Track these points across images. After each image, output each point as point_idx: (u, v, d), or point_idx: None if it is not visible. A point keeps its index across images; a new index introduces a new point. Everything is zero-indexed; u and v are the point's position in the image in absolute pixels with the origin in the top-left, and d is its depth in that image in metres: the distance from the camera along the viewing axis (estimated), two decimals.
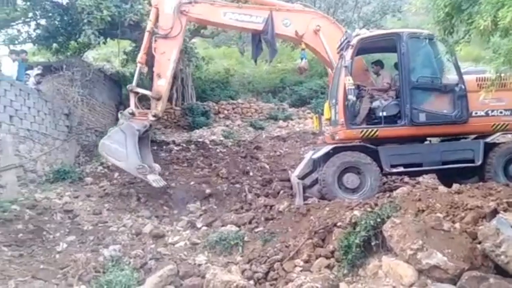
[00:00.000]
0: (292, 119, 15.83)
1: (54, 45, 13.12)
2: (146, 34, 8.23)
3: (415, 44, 7.02)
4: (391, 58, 8.51)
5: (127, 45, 15.57)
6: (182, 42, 8.86)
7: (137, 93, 8.25)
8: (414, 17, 18.64)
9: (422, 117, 6.92)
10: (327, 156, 7.08)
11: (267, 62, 13.20)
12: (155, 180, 7.74)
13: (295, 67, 19.75)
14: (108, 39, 13.22)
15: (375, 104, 7.32)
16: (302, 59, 8.62)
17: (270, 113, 16.12)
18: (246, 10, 8.33)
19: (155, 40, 8.11)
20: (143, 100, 8.96)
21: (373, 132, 7.02)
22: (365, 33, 7.56)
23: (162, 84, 8.16)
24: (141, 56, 8.25)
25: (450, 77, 7.07)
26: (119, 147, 7.61)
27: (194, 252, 6.26)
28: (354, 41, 7.19)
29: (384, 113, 7.13)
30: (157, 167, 8.42)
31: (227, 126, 14.92)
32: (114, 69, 16.74)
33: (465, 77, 7.07)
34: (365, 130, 7.04)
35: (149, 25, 8.22)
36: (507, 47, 3.91)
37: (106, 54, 19.33)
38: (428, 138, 7.61)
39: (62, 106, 10.20)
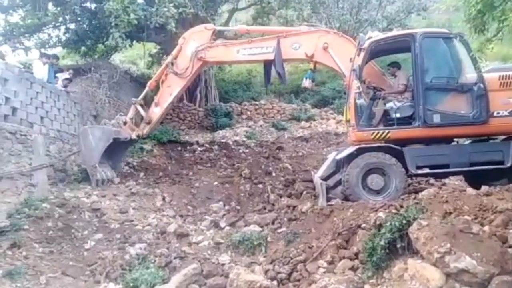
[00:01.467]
0: (314, 120, 15.76)
1: (83, 48, 13.55)
2: (163, 66, 9.07)
3: (430, 44, 6.87)
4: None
5: (152, 47, 15.89)
6: (188, 84, 9.69)
7: (136, 108, 9.22)
8: (440, 16, 18.26)
9: (437, 118, 6.73)
10: (351, 157, 7.01)
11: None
12: (98, 180, 8.43)
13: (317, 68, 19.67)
14: (134, 42, 13.54)
15: (389, 105, 7.24)
16: (306, 78, 8.85)
17: (292, 113, 16.09)
18: (256, 43, 8.68)
19: (166, 74, 8.91)
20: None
21: (384, 134, 6.93)
22: (377, 35, 7.48)
23: (156, 112, 9.11)
24: (151, 83, 9.25)
25: (470, 76, 6.79)
26: (92, 141, 8.43)
27: (217, 251, 6.30)
28: (365, 44, 7.12)
29: (398, 115, 7.03)
30: (114, 176, 9.10)
31: (249, 127, 14.98)
32: (139, 71, 17.09)
33: (486, 75, 6.81)
34: (376, 132, 6.98)
35: (169, 58, 8.99)
36: None
37: (132, 57, 19.75)
38: (456, 139, 7.44)
39: (90, 108, 10.49)
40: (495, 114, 6.68)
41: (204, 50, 8.72)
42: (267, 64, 8.82)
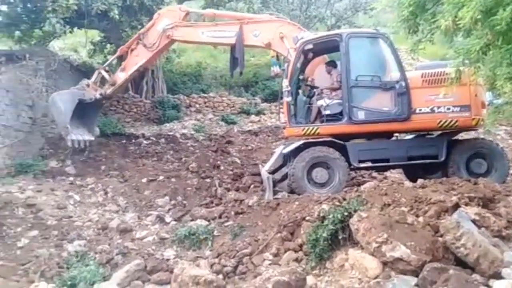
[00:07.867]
0: (264, 114, 15.83)
1: (17, 33, 12.54)
2: (136, 35, 9.61)
3: (356, 44, 7.16)
4: None
5: (95, 35, 15.11)
6: (156, 57, 10.50)
7: (100, 73, 9.83)
8: (385, 15, 19.03)
9: (361, 115, 7.02)
10: (297, 151, 7.14)
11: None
12: (73, 140, 8.73)
13: (268, 62, 19.81)
14: (75, 29, 12.78)
15: (320, 103, 7.49)
16: (276, 66, 9.29)
17: (242, 107, 16.04)
18: (220, 27, 9.05)
19: (137, 42, 9.38)
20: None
21: (314, 130, 7.19)
22: (308, 36, 7.69)
23: (121, 77, 9.69)
24: (122, 48, 9.73)
25: (393, 74, 7.08)
26: (61, 104, 8.75)
27: (162, 246, 6.18)
28: (297, 44, 7.31)
29: (328, 112, 7.31)
30: (96, 131, 10.09)
31: (198, 120, 14.75)
32: (81, 60, 16.18)
33: (409, 73, 7.17)
34: (306, 128, 7.22)
35: (142, 30, 9.57)
36: (467, 47, 4.04)
37: (73, 44, 18.65)
38: (396, 134, 7.79)
39: (25, 97, 9.78)
40: (417, 111, 6.96)
41: (172, 29, 9.09)
42: (233, 50, 8.99)
